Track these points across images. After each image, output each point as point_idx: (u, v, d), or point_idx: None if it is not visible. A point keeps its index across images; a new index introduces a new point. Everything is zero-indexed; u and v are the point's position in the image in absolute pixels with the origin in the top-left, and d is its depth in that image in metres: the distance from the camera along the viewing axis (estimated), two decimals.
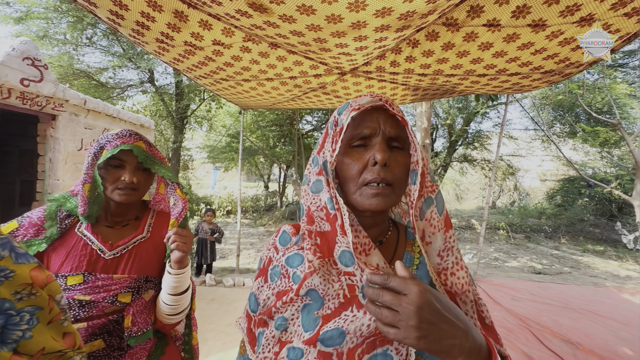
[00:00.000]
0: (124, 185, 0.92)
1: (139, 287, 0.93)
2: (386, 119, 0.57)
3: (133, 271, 0.93)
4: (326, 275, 0.55)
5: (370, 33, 1.60)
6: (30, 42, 2.64)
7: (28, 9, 5.68)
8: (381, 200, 0.54)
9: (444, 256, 0.56)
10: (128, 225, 1.01)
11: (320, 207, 0.59)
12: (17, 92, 2.51)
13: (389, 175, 0.55)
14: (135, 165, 0.94)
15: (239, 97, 3.45)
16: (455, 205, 16.59)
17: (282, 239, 0.66)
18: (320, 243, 0.57)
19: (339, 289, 0.54)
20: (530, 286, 4.11)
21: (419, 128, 5.57)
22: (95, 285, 0.87)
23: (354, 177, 0.57)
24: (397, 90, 2.98)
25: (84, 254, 0.89)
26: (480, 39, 1.84)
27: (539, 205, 12.88)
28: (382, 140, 0.56)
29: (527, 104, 9.48)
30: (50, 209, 0.93)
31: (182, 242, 0.90)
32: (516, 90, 2.85)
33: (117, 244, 0.94)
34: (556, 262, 6.74)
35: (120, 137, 0.92)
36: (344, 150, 0.58)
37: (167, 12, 1.74)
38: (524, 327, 2.83)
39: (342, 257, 0.56)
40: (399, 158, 0.57)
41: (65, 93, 2.93)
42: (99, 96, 7.50)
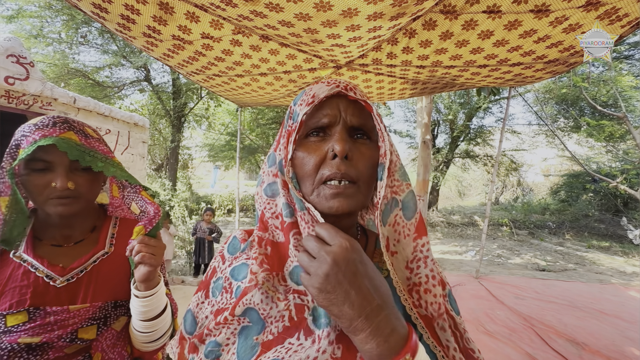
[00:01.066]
0: (57, 194, 0.69)
1: (106, 317, 0.75)
2: (347, 106, 0.49)
3: (97, 297, 0.74)
4: (270, 292, 0.46)
5: (363, 22, 1.51)
6: (15, 38, 2.58)
7: (20, 7, 5.62)
8: (343, 201, 0.45)
9: (414, 269, 0.48)
10: (83, 241, 0.80)
11: (275, 214, 0.51)
12: (2, 91, 2.44)
13: (352, 171, 0.46)
14: (70, 164, 0.71)
15: (234, 94, 3.37)
16: (457, 202, 16.47)
17: (231, 246, 0.56)
18: (271, 253, 0.49)
19: (284, 310, 0.45)
20: (534, 284, 4.03)
21: (420, 124, 5.48)
22: (46, 322, 0.68)
23: (309, 174, 0.47)
24: (395, 84, 2.89)
25: (26, 285, 0.69)
26: (480, 27, 1.75)
27: (543, 200, 12.75)
28: (343, 129, 0.47)
29: (530, 98, 9.33)
30: None
31: (149, 253, 0.71)
32: (518, 82, 2.75)
33: (71, 266, 0.74)
34: (560, 259, 6.64)
35: (39, 129, 0.68)
36: (299, 142, 0.50)
37: (151, 3, 1.67)
38: (527, 326, 2.75)
39: (294, 274, 0.47)
40: (363, 150, 0.48)
41: (54, 91, 2.87)
42: (96, 95, 7.45)
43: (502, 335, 2.60)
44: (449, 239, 8.58)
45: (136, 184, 0.81)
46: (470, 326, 2.75)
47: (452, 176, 16.25)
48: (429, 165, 5.34)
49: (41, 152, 0.68)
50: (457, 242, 8.20)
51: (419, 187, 5.29)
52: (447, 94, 10.03)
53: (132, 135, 4.11)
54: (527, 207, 11.81)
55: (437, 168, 11.17)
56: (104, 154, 0.76)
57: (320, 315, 0.43)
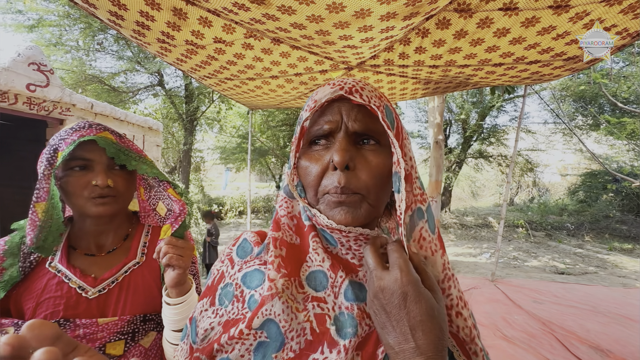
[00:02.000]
0: (98, 193, 0.70)
1: (135, 332, 0.72)
2: (350, 110, 0.45)
3: (127, 310, 0.72)
4: (290, 301, 0.42)
5: (376, 22, 1.50)
6: (36, 47, 2.67)
7: (40, 16, 5.83)
8: (348, 212, 0.42)
9: (445, 289, 0.44)
10: (116, 250, 0.78)
11: (291, 215, 0.48)
12: (24, 98, 2.53)
13: (354, 182, 0.42)
14: (107, 164, 0.72)
15: (245, 97, 3.40)
16: (470, 203, 16.16)
17: (241, 248, 0.52)
18: (286, 255, 0.45)
19: (304, 321, 0.41)
20: (553, 287, 3.90)
21: (432, 124, 5.40)
22: (75, 335, 0.66)
23: (312, 185, 0.45)
24: (407, 85, 2.85)
25: (60, 296, 0.68)
26: (496, 25, 1.71)
27: (560, 201, 12.37)
28: (344, 137, 0.44)
29: (546, 96, 9.09)
30: (12, 242, 0.72)
31: (176, 255, 0.68)
32: (535, 80, 2.67)
33: (103, 276, 0.73)
34: (580, 262, 6.42)
35: (77, 130, 0.70)
36: (304, 150, 0.48)
37: (165, 10, 1.70)
38: (547, 332, 2.66)
39: (311, 279, 0.44)
40: (370, 157, 0.44)
41: (72, 97, 2.96)
42: (111, 101, 7.66)
43: (521, 340, 2.52)
44: (462, 241, 8.42)
45: (164, 180, 0.80)
46: (487, 331, 2.68)
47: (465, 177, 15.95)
48: (441, 166, 5.25)
49: (81, 151, 0.70)
50: (470, 244, 8.04)
51: (431, 188, 5.21)
52: (459, 93, 9.87)
53: (147, 139, 4.20)
54: (544, 208, 11.48)
55: (450, 169, 10.99)
56: (137, 153, 0.77)
57: (345, 324, 0.41)
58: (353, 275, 0.45)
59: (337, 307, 0.42)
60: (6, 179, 4.32)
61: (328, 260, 0.45)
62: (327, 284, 0.44)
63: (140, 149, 0.80)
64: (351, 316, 0.41)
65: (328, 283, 0.44)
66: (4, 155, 4.24)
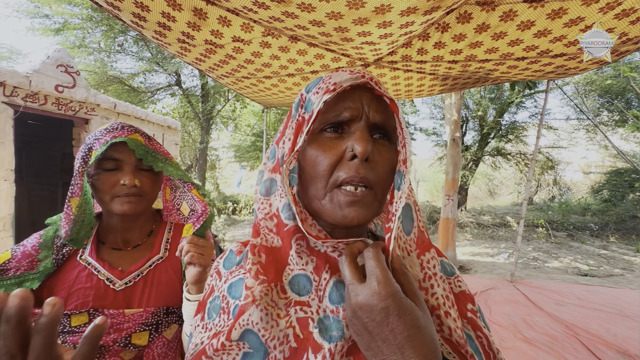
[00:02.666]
0: (125, 192, 0.74)
1: (158, 323, 0.75)
2: (371, 100, 0.43)
3: (151, 302, 0.76)
4: (270, 308, 0.40)
5: (396, 18, 1.48)
6: (64, 49, 2.78)
7: (65, 20, 6.07)
8: (360, 210, 0.40)
9: (428, 288, 0.42)
10: (141, 245, 0.83)
11: (269, 215, 0.46)
12: (53, 98, 2.65)
13: (371, 175, 0.41)
14: (135, 164, 0.77)
15: (261, 95, 3.43)
16: (487, 202, 15.77)
17: (227, 260, 0.51)
18: (266, 261, 0.43)
19: (286, 327, 0.39)
20: (576, 289, 3.76)
21: (448, 121, 5.29)
22: None
23: (322, 175, 0.41)
24: (424, 81, 2.81)
25: (90, 287, 0.72)
26: (520, 18, 1.65)
27: (583, 200, 11.89)
28: (365, 127, 0.42)
29: (568, 91, 8.73)
30: (46, 235, 0.76)
31: (197, 253, 0.70)
32: (560, 75, 2.58)
33: (129, 269, 0.77)
34: (605, 263, 6.17)
35: (110, 132, 0.74)
36: (310, 138, 0.44)
37: (186, 10, 1.73)
38: (571, 335, 2.58)
39: (294, 283, 0.42)
40: (384, 152, 0.43)
41: (97, 97, 3.07)
42: (131, 100, 7.89)
43: (543, 343, 2.45)
44: (479, 240, 8.24)
45: (189, 182, 0.83)
46: (507, 332, 2.62)
47: (482, 175, 15.57)
48: (458, 164, 5.15)
49: (112, 151, 0.74)
50: (488, 243, 7.86)
51: (448, 186, 5.12)
52: (477, 89, 9.63)
53: (166, 138, 4.31)
54: (565, 207, 11.06)
55: (466, 167, 10.75)
56: (163, 155, 0.81)
57: (331, 326, 0.39)
58: (339, 275, 0.42)
59: (322, 311, 0.40)
60: (35, 175, 4.53)
61: (312, 263, 0.43)
62: (311, 287, 0.42)
63: (167, 151, 0.84)
64: (336, 319, 0.39)
65: (312, 287, 0.42)
66: (33, 153, 4.45)
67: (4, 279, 0.70)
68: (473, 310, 0.45)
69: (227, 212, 10.82)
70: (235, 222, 10.25)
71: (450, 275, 0.48)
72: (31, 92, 2.52)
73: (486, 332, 0.44)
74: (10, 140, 2.51)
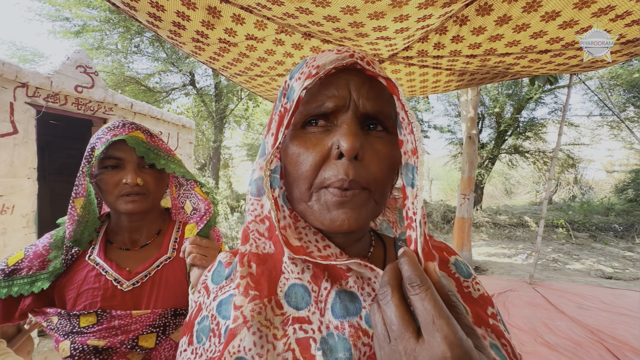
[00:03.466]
0: (128, 190, 0.73)
1: (166, 325, 0.73)
2: (360, 85, 0.36)
3: (159, 303, 0.74)
4: (264, 328, 0.34)
5: (413, 11, 1.44)
6: (83, 50, 2.86)
7: (84, 22, 6.26)
8: (350, 213, 0.34)
9: None
10: (148, 245, 0.81)
11: (260, 217, 0.40)
12: (73, 99, 2.72)
13: (362, 175, 0.35)
14: (138, 162, 0.75)
15: (274, 94, 3.43)
16: (504, 201, 15.37)
17: (216, 273, 0.44)
18: (257, 272, 0.37)
19: (285, 351, 0.34)
20: (599, 293, 3.61)
21: (464, 118, 5.16)
22: (111, 325, 0.69)
23: (305, 177, 0.36)
24: (440, 77, 2.73)
25: (98, 287, 0.72)
26: (544, 8, 1.58)
27: (606, 200, 11.42)
28: (353, 118, 0.35)
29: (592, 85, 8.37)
30: (57, 236, 0.76)
31: (200, 254, 0.68)
32: (585, 68, 2.46)
33: (137, 270, 0.76)
34: (630, 266, 5.90)
35: (111, 130, 0.73)
36: (292, 133, 0.38)
37: (201, 9, 1.74)
38: (595, 340, 2.47)
39: (290, 295, 0.36)
40: (378, 146, 0.37)
41: (114, 97, 3.13)
42: (147, 100, 8.08)
43: (565, 348, 2.35)
44: (495, 241, 8.04)
45: (192, 179, 0.81)
46: (527, 336, 2.54)
47: (498, 173, 15.19)
48: (474, 162, 5.02)
49: (113, 150, 0.73)
50: (504, 244, 7.66)
51: (464, 185, 5.00)
52: (493, 85, 9.36)
53: (181, 137, 4.38)
54: (587, 207, 10.66)
55: (482, 165, 10.49)
56: (166, 152, 0.79)
57: (336, 347, 0.34)
58: (341, 283, 0.37)
59: (325, 327, 0.35)
60: (56, 174, 4.68)
61: (308, 271, 0.37)
62: (310, 299, 0.36)
63: (170, 148, 0.82)
64: (342, 337, 0.34)
65: (311, 298, 0.36)
66: (55, 152, 4.60)
67: (17, 277, 0.71)
68: (494, 315, 0.41)
69: (240, 210, 10.95)
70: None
71: (468, 277, 0.44)
72: (52, 93, 2.60)
73: (507, 337, 0.40)
74: (33, 139, 2.60)
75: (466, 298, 0.42)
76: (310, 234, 0.39)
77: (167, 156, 0.79)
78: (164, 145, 0.80)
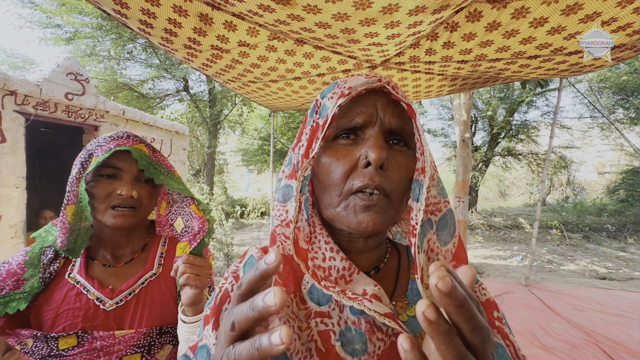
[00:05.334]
0: (120, 202, 0.71)
1: (151, 345, 0.71)
2: (386, 105, 0.42)
3: (144, 322, 0.71)
4: (291, 320, 0.38)
5: (404, 17, 1.45)
6: (73, 58, 2.83)
7: (76, 29, 6.21)
8: (375, 217, 0.38)
9: None
10: (133, 261, 0.78)
11: (285, 222, 0.44)
12: (63, 106, 2.69)
13: (386, 182, 0.39)
14: (135, 175, 0.73)
15: (268, 99, 3.42)
16: (498, 203, 15.50)
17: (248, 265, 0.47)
18: (284, 271, 0.42)
19: (308, 341, 0.38)
20: (594, 293, 3.63)
21: (457, 121, 5.21)
22: (93, 347, 0.65)
23: (336, 184, 0.40)
24: (433, 82, 2.76)
25: (79, 307, 0.68)
26: (533, 15, 1.60)
27: (598, 200, 11.57)
28: (379, 133, 0.40)
29: (581, 88, 8.52)
30: (32, 252, 0.71)
31: (194, 274, 0.66)
32: (574, 72, 2.50)
33: (120, 288, 0.72)
34: (624, 266, 5.96)
35: (115, 139, 0.71)
36: (324, 145, 0.43)
37: (192, 16, 1.73)
38: (591, 342, 2.47)
39: (312, 292, 0.41)
40: (400, 159, 0.41)
41: (106, 104, 3.10)
42: (140, 107, 8.02)
43: (562, 350, 2.36)
44: (490, 243, 8.08)
45: (189, 196, 0.78)
46: (524, 339, 2.53)
47: (492, 176, 15.33)
48: (468, 165, 5.05)
49: (114, 159, 0.71)
50: (500, 245, 7.70)
51: (458, 188, 5.03)
52: (486, 89, 9.49)
53: (174, 143, 4.34)
54: (580, 208, 10.79)
55: (476, 167, 10.58)
56: (166, 168, 0.78)
57: (353, 339, 0.37)
58: None
59: (343, 322, 0.39)
60: (48, 182, 4.61)
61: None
62: (330, 297, 0.40)
63: (171, 164, 0.80)
64: (359, 332, 0.38)
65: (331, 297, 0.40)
66: (46, 160, 4.53)
67: None
68: (499, 318, 0.43)
69: (235, 216, 10.87)
70: (243, 225, 10.28)
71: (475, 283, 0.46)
72: (42, 100, 2.56)
73: (512, 338, 0.42)
74: (22, 148, 2.55)
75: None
76: (322, 243, 0.42)
77: (167, 172, 0.77)
78: (165, 161, 0.79)
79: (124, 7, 1.61)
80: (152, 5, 1.59)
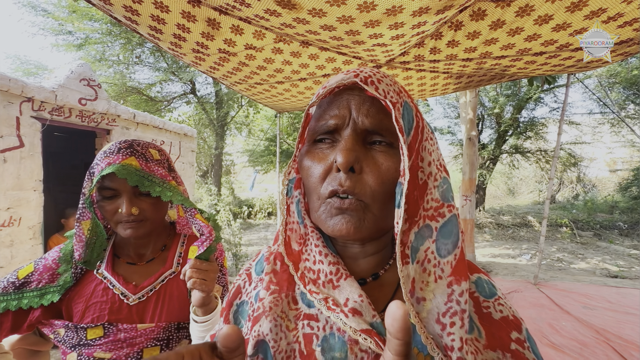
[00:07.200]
0: (125, 219, 0.74)
1: (169, 338, 0.75)
2: (361, 103, 0.39)
3: (163, 317, 0.76)
4: (279, 319, 0.39)
5: (407, 18, 1.47)
6: (86, 64, 2.91)
7: (86, 35, 6.37)
8: (349, 220, 0.37)
9: (447, 325, 0.34)
10: (154, 260, 0.83)
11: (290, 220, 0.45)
12: (77, 111, 2.77)
13: (359, 186, 0.37)
14: (133, 191, 0.74)
15: (274, 101, 3.47)
16: (506, 201, 15.31)
17: (259, 264, 0.49)
18: (280, 270, 0.43)
19: (294, 342, 0.38)
20: (605, 292, 3.58)
21: (464, 119, 5.18)
22: (117, 338, 0.71)
23: (315, 187, 0.40)
24: (438, 80, 2.76)
25: (105, 301, 0.74)
26: (537, 12, 1.60)
27: (610, 198, 11.35)
28: (352, 134, 0.38)
29: (591, 84, 8.37)
30: (66, 249, 0.77)
31: (200, 279, 0.68)
32: (581, 68, 2.48)
33: (142, 284, 0.78)
34: (636, 264, 5.85)
35: (107, 156, 0.72)
36: (307, 149, 0.42)
37: (200, 21, 1.78)
38: (602, 340, 2.45)
39: (305, 294, 0.40)
40: (381, 160, 0.38)
41: (117, 109, 3.19)
42: (149, 110, 8.16)
43: (571, 349, 2.34)
44: (499, 241, 8.00)
45: (192, 207, 0.78)
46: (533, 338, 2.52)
47: (500, 174, 15.15)
48: (475, 163, 5.02)
49: (106, 181, 0.73)
50: (508, 244, 7.62)
51: (465, 186, 5.01)
52: (492, 86, 9.39)
53: (183, 145, 4.42)
54: (591, 205, 10.59)
55: (483, 165, 10.48)
56: (161, 178, 0.76)
57: (334, 346, 0.36)
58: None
59: (329, 327, 0.38)
60: (61, 184, 4.73)
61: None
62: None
63: (167, 174, 0.78)
64: (342, 339, 0.36)
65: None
66: (59, 163, 4.65)
67: (27, 290, 0.72)
68: (519, 340, 0.37)
69: (242, 217, 10.97)
70: (250, 225, 10.37)
71: (490, 297, 0.42)
72: (57, 106, 2.65)
73: None
74: (39, 152, 2.64)
75: (484, 319, 0.40)
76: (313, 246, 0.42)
77: (162, 183, 0.75)
78: (159, 171, 0.76)
79: (135, 14, 1.66)
80: (161, 11, 1.64)
